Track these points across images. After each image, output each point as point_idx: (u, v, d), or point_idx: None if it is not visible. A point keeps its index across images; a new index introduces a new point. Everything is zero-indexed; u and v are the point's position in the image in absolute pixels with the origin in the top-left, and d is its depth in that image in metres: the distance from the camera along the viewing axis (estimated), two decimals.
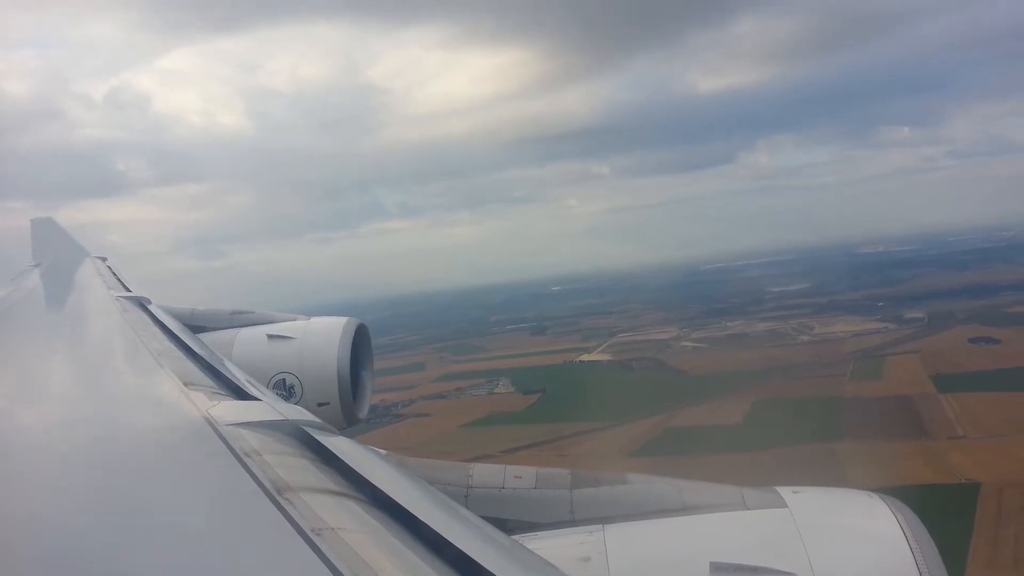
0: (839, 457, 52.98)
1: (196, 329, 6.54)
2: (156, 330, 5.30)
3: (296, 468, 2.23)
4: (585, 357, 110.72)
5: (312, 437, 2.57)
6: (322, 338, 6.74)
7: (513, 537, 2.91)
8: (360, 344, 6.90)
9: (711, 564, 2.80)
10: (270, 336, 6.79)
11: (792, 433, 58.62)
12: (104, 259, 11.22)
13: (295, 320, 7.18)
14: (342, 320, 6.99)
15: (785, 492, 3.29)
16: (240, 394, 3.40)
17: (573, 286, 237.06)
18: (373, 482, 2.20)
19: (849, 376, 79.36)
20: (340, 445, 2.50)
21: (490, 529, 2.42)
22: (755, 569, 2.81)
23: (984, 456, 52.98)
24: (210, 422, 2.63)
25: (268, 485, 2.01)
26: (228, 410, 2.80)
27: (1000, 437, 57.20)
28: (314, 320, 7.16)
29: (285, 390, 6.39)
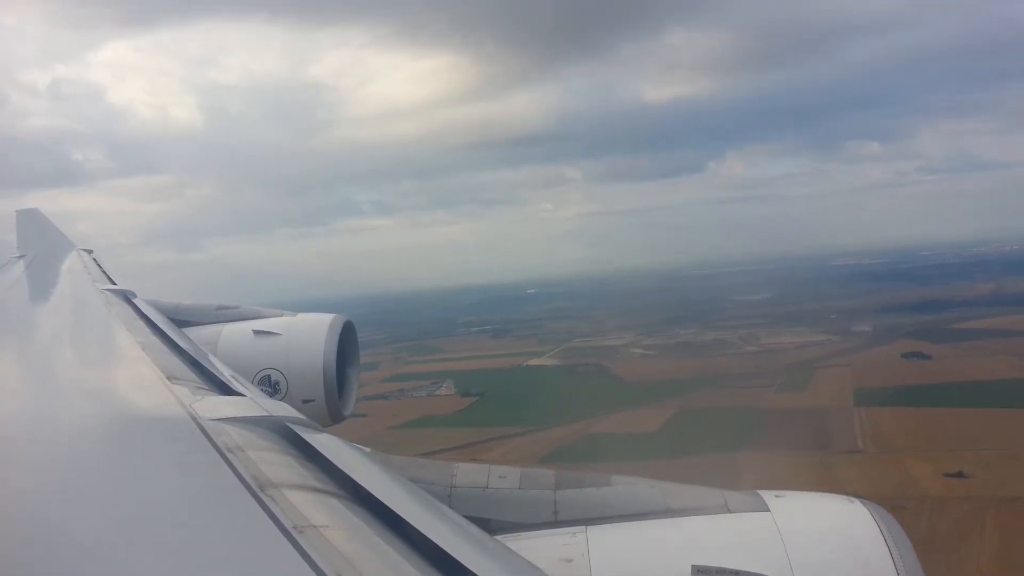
0: (733, 468, 53.73)
1: (181, 323, 6.59)
2: (141, 324, 5.26)
3: (279, 465, 2.23)
4: (534, 361, 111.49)
5: (296, 434, 2.57)
6: (308, 335, 6.67)
7: (496, 537, 2.94)
8: (346, 341, 6.88)
9: (693, 567, 2.85)
10: (256, 332, 6.73)
11: (697, 443, 59.55)
12: (90, 251, 11.20)
13: (281, 316, 7.13)
14: (328, 317, 6.93)
15: (768, 496, 3.33)
16: (224, 389, 3.37)
17: (548, 289, 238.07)
18: (356, 480, 2.20)
19: (776, 387, 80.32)
20: (324, 442, 2.51)
21: (473, 529, 2.44)
22: (736, 572, 2.84)
23: (873, 471, 53.87)
24: (193, 417, 2.62)
25: (251, 481, 2.01)
26: (212, 405, 2.79)
27: (896, 452, 58.24)
28: (300, 316, 7.10)
29: (270, 386, 6.35)
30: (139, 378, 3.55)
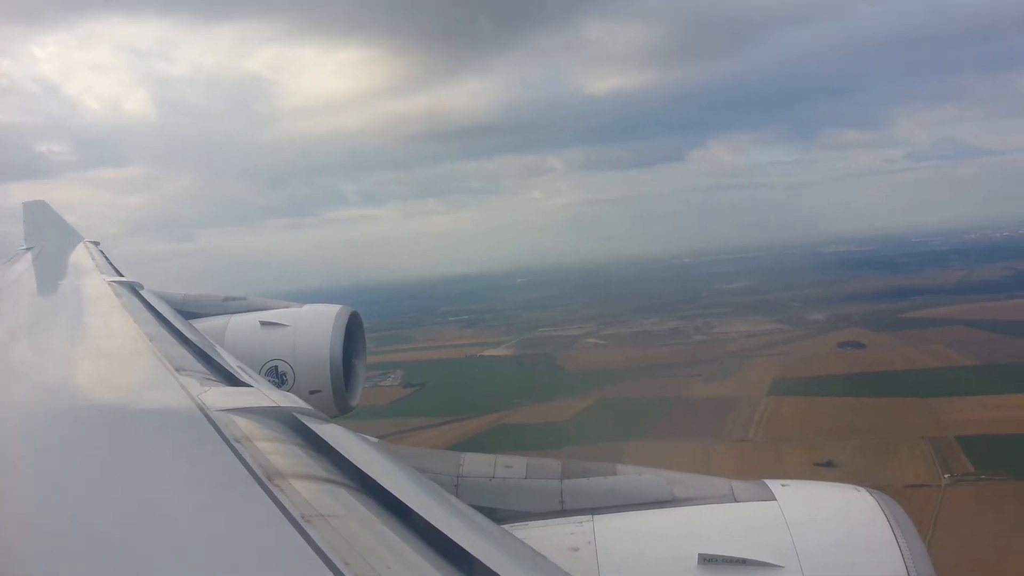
0: (618, 457, 54.92)
1: (188, 315, 6.68)
2: (148, 315, 5.33)
3: (286, 455, 2.25)
4: (489, 352, 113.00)
5: (303, 424, 2.61)
6: (315, 326, 6.76)
7: (503, 526, 2.95)
8: (352, 332, 6.99)
9: (699, 556, 2.87)
10: (263, 323, 6.81)
11: (593, 433, 60.94)
12: (97, 243, 11.22)
13: (288, 307, 7.19)
14: (335, 308, 7.00)
15: (774, 485, 3.33)
16: (232, 380, 3.41)
17: (539, 278, 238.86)
18: (364, 470, 2.23)
19: (702, 377, 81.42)
20: (331, 432, 2.54)
21: (480, 518, 2.46)
22: (743, 561, 2.86)
23: (747, 459, 54.78)
24: (201, 408, 2.64)
25: (258, 471, 2.02)
26: (219, 396, 2.81)
27: (781, 441, 59.35)
28: (307, 308, 7.14)
29: (277, 377, 6.42)
30: (147, 369, 3.59)
